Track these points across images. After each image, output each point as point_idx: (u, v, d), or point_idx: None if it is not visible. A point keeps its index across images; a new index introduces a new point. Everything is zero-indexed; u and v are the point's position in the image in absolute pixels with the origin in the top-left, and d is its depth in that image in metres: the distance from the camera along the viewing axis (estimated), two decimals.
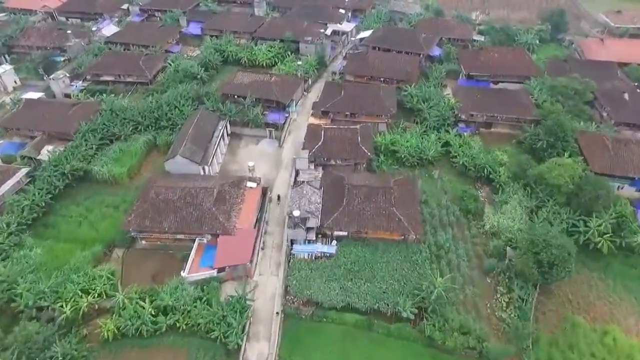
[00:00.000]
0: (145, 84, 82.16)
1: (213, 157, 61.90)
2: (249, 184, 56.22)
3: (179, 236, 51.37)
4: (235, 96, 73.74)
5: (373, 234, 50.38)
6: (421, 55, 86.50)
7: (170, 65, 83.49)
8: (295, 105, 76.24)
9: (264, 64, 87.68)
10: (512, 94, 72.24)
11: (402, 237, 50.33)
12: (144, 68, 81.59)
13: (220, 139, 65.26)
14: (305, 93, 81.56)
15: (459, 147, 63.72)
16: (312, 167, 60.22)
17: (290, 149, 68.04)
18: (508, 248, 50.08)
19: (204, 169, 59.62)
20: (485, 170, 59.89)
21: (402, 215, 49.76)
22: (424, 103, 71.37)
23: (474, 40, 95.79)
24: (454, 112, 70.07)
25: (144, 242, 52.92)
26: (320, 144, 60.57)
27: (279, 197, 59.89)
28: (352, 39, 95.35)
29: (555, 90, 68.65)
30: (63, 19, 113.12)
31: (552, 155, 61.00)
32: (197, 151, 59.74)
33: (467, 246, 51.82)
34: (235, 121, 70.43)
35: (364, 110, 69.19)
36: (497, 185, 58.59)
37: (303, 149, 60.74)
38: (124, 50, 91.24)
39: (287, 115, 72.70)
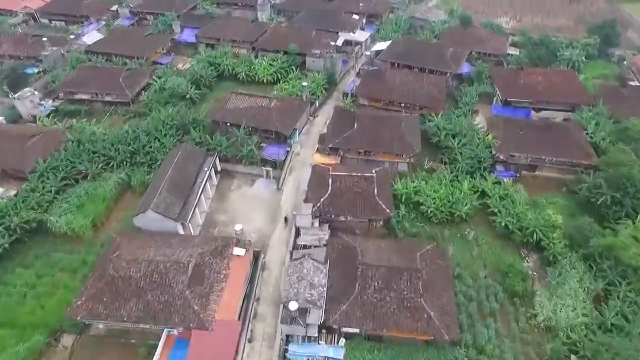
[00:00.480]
0: (126, 104, 70.74)
1: (195, 207, 50.32)
2: (236, 250, 44.55)
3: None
4: (228, 124, 62.09)
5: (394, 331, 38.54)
6: (448, 74, 73.78)
7: (156, 82, 71.87)
8: (299, 134, 64.34)
9: (265, 81, 75.80)
10: (562, 130, 59.27)
11: (432, 336, 38.38)
12: (124, 86, 70.07)
13: (205, 182, 53.64)
14: (311, 118, 69.54)
15: (499, 200, 51.35)
16: (317, 223, 48.47)
17: (291, 193, 56.21)
18: (573, 357, 37.92)
19: (182, 225, 48.18)
20: (535, 235, 47.53)
21: (432, 309, 37.82)
22: (454, 138, 58.97)
23: (509, 55, 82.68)
24: (491, 152, 57.59)
25: (100, 325, 41.73)
26: (327, 196, 48.63)
27: (286, 219, 51.44)
28: (367, 52, 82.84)
29: (625, 133, 55.43)
30: (46, 21, 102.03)
31: (617, 215, 48.61)
32: (174, 203, 48.23)
33: (515, 346, 39.69)
34: (227, 156, 58.84)
35: (381, 147, 56.95)
36: (551, 257, 46.25)
37: (306, 201, 48.90)
38: (107, 61, 79.83)
39: (288, 149, 60.83)
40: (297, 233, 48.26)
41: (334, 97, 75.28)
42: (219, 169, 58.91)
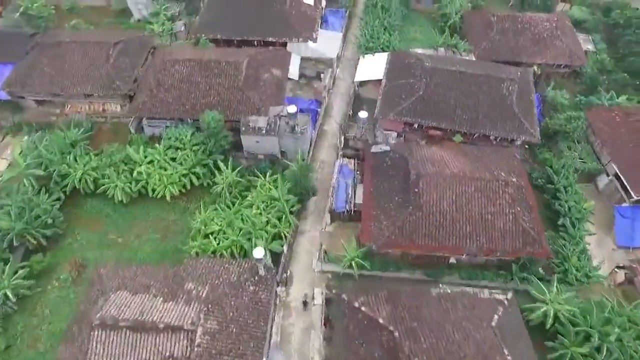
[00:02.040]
0: None
1: None
2: None
3: None
4: None
5: None
6: (519, 143, 38.90)
7: None
8: None
9: (166, 196, 37.19)
10: None
11: None
12: None
13: None
14: (280, 291, 34.04)
15: None
16: None
17: None
18: None
19: None
20: None
21: None
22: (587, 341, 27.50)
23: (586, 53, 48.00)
24: None
25: None
26: None
27: (305, 302, 32.45)
28: (350, 80, 43.75)
29: None
30: None
31: None
32: None
33: None
34: None
35: None
36: None
37: None
38: None
39: None
40: None
41: (311, 212, 38.95)
42: None
